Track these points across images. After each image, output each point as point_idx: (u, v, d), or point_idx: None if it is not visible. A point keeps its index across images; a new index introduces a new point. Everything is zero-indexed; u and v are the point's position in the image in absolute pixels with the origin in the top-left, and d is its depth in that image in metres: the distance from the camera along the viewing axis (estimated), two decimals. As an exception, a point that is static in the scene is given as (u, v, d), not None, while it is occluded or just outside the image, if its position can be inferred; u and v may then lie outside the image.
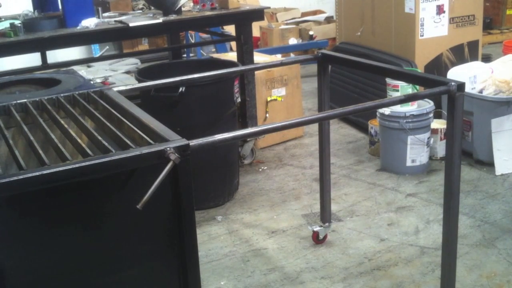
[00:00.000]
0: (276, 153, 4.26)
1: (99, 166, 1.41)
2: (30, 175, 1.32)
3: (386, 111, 3.71)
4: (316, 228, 2.96)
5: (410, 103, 3.65)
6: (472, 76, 3.80)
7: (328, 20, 7.16)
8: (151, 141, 1.54)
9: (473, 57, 4.37)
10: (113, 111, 1.82)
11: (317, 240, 2.96)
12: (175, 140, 1.52)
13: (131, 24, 3.33)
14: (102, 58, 5.72)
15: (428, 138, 3.75)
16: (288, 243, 3.02)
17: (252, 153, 4.06)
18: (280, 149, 4.33)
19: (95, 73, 6.09)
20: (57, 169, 1.36)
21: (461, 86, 2.04)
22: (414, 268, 2.73)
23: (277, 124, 1.92)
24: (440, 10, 4.17)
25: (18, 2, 4.48)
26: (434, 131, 3.84)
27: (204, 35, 6.33)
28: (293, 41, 6.77)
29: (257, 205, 3.46)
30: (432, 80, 2.20)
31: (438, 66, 4.27)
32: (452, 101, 2.06)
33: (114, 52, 7.17)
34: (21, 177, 1.31)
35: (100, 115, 1.81)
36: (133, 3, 6.13)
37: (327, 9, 7.74)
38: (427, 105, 3.76)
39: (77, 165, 1.38)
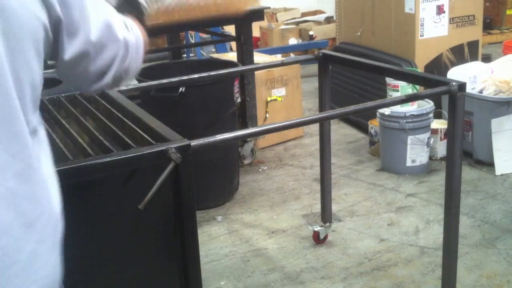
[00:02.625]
0: (276, 153, 4.26)
1: (100, 166, 1.41)
2: (31, 175, 1.32)
3: (386, 111, 3.71)
4: (317, 228, 2.96)
5: (410, 103, 3.65)
6: (472, 76, 3.80)
7: (328, 20, 7.16)
8: (152, 141, 1.54)
9: (473, 57, 4.36)
10: (114, 111, 1.83)
11: (318, 240, 2.96)
12: (176, 140, 1.52)
13: (131, 24, 3.32)
14: (102, 58, 5.71)
15: (428, 138, 3.75)
16: (288, 243, 3.02)
17: (252, 153, 4.06)
18: (280, 149, 4.33)
19: (95, 73, 6.07)
20: (58, 169, 1.35)
21: (462, 86, 2.04)
22: (414, 268, 2.73)
23: (277, 124, 1.93)
24: (440, 10, 4.17)
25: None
26: (434, 131, 3.84)
27: (204, 35, 6.33)
28: (293, 41, 6.77)
29: (257, 205, 3.46)
30: (433, 80, 2.20)
31: (438, 66, 4.26)
32: (453, 101, 2.05)
33: (114, 52, 7.15)
34: (22, 177, 1.31)
35: (101, 115, 1.81)
36: (133, 3, 6.12)
37: (327, 9, 7.73)
38: (427, 105, 3.76)
39: (78, 165, 1.38)
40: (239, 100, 3.58)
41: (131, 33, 1.18)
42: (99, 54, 1.09)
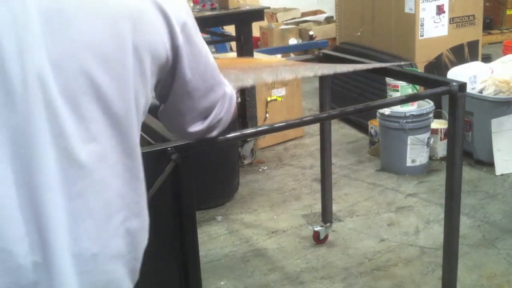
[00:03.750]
0: (276, 153, 4.26)
1: (100, 166, 1.40)
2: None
3: (386, 111, 3.71)
4: (317, 228, 2.96)
5: (410, 103, 3.65)
6: (472, 76, 3.80)
7: (328, 20, 7.15)
8: (152, 141, 1.54)
9: (473, 57, 4.36)
10: (113, 111, 1.82)
11: (318, 240, 2.96)
12: (176, 140, 1.52)
13: (131, 24, 3.32)
14: (102, 58, 5.70)
15: (428, 138, 3.75)
16: (288, 243, 3.01)
17: (252, 153, 4.06)
18: (280, 149, 4.33)
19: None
20: (58, 169, 1.35)
21: (462, 86, 2.04)
22: (414, 268, 2.73)
23: (277, 124, 1.92)
24: (440, 10, 4.17)
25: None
26: (434, 131, 3.84)
27: (204, 35, 6.32)
28: (293, 41, 6.76)
29: (257, 205, 3.46)
30: (433, 80, 2.20)
31: (438, 66, 4.26)
32: (454, 102, 2.05)
33: (114, 52, 7.14)
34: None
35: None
36: (133, 3, 6.11)
37: (327, 9, 7.73)
38: (427, 105, 3.76)
39: (78, 165, 1.38)
40: (239, 100, 3.58)
41: (229, 86, 1.28)
42: (206, 94, 1.18)
